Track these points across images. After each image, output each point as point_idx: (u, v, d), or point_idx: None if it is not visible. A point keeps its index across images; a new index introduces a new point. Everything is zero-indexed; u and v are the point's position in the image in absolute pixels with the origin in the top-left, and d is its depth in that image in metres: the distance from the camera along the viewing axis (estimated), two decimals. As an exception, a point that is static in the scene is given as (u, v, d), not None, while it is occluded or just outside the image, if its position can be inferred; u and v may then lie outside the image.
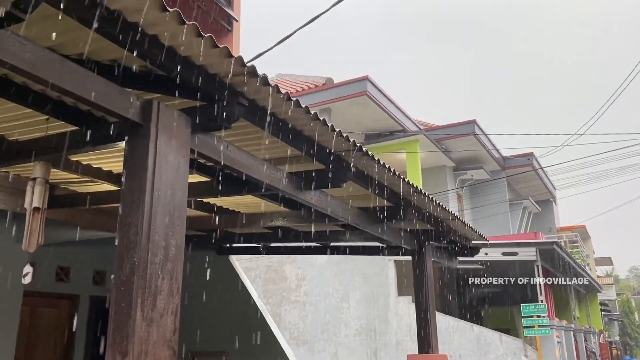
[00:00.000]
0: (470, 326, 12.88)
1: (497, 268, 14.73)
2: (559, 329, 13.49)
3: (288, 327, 14.76)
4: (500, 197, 19.93)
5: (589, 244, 29.52)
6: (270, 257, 15.54)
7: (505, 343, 12.22)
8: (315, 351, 14.21)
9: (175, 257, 2.42)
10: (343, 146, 3.55)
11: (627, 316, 39.74)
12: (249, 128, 3.28)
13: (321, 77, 17.73)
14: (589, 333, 18.98)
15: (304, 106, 2.93)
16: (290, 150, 3.61)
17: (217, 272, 8.23)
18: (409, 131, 17.32)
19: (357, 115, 16.35)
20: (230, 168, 3.09)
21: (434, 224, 5.67)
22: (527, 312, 11.94)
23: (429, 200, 4.93)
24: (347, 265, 14.53)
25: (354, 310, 14.19)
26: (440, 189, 18.17)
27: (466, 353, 12.47)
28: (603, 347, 21.87)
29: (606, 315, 30.46)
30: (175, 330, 2.35)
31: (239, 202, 5.34)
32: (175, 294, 2.38)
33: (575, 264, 16.24)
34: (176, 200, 2.50)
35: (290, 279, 15.27)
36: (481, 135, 18.22)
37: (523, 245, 13.08)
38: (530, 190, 22.81)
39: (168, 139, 2.49)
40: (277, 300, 15.24)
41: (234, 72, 2.48)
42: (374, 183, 4.26)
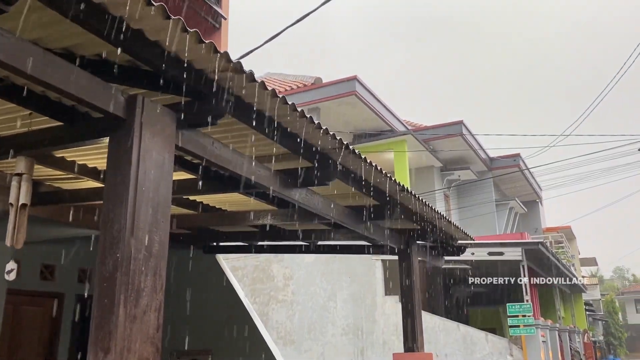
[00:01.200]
0: (456, 325, 12.95)
1: (483, 268, 14.83)
2: (544, 329, 13.61)
3: (275, 326, 14.74)
4: (486, 197, 20.07)
5: (574, 245, 29.81)
6: (258, 257, 15.51)
7: (491, 342, 12.30)
8: (302, 350, 14.20)
9: (159, 254, 2.40)
10: (329, 144, 3.55)
11: (611, 316, 40.23)
12: (236, 125, 3.27)
13: (310, 77, 17.72)
14: (573, 332, 19.18)
15: (291, 103, 2.93)
16: (277, 147, 3.61)
17: (203, 270, 8.20)
18: (397, 131, 17.38)
19: (346, 115, 16.37)
20: (216, 165, 3.08)
21: (420, 222, 5.69)
22: (512, 311, 12.03)
23: (415, 198, 4.95)
24: (334, 265, 14.55)
25: (341, 309, 14.20)
26: (428, 189, 18.24)
27: (452, 352, 12.54)
28: (587, 346, 22.11)
29: (590, 315, 30.80)
30: (159, 327, 2.33)
31: (226, 200, 5.32)
32: (159, 291, 2.37)
33: (561, 264, 16.39)
34: (160, 196, 2.48)
35: (277, 279, 15.25)
36: (468, 136, 18.33)
37: (509, 246, 13.17)
38: (516, 190, 23.00)
39: (152, 135, 2.47)
40: (265, 300, 15.21)
41: (220, 68, 2.47)
42: (361, 181, 4.27)
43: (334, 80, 16.11)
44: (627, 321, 53.27)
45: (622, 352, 40.90)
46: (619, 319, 45.24)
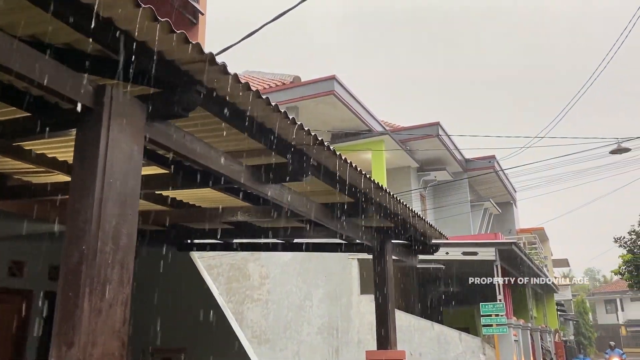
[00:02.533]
0: (430, 325, 13.06)
1: (458, 268, 14.99)
2: (516, 328, 13.81)
3: (250, 325, 14.67)
4: (462, 198, 20.30)
5: (547, 246, 30.34)
6: (234, 256, 15.42)
7: (465, 341, 12.44)
8: (277, 349, 14.17)
9: (127, 247, 2.37)
10: (304, 140, 3.54)
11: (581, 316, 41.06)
12: (208, 119, 3.24)
13: (289, 75, 17.69)
14: (545, 332, 19.51)
15: (265, 97, 2.91)
16: (251, 142, 3.58)
17: (177, 268, 8.12)
18: (374, 131, 17.46)
19: (324, 115, 16.39)
20: (188, 158, 3.05)
21: (395, 221, 5.72)
22: (485, 311, 12.18)
23: (390, 196, 4.97)
24: (310, 264, 14.54)
25: (316, 308, 14.20)
26: (405, 189, 18.37)
27: (426, 351, 12.64)
28: (558, 345, 22.52)
29: (562, 315, 31.37)
30: (125, 321, 2.29)
31: (199, 197, 5.27)
32: (125, 284, 2.33)
33: (533, 264, 16.66)
34: (129, 188, 2.44)
35: (253, 277, 15.19)
36: (444, 137, 18.51)
37: (483, 246, 13.34)
38: (491, 191, 23.31)
39: (121, 126, 2.43)
40: (240, 299, 15.13)
41: (192, 59, 2.44)
42: (335, 178, 4.27)
43: (312, 79, 16.11)
44: (597, 321, 54.45)
45: (591, 351, 41.78)
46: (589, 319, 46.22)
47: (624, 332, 55.16)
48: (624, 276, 18.87)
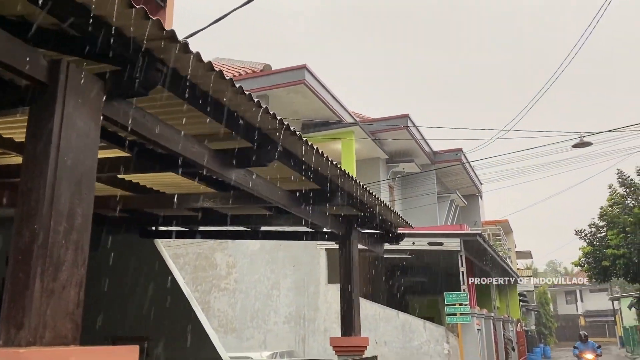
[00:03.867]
0: (396, 314, 13.22)
1: (424, 258, 15.20)
2: (479, 317, 14.10)
3: (217, 314, 14.59)
4: (429, 189, 20.56)
5: (511, 238, 31.05)
6: (201, 245, 15.28)
7: (429, 330, 12.63)
8: (244, 338, 14.14)
9: (82, 227, 2.30)
10: (270, 124, 3.50)
11: (543, 307, 42.26)
12: (172, 100, 3.17)
13: (259, 63, 17.53)
14: (507, 322, 19.98)
15: (228, 78, 2.86)
16: (216, 126, 3.53)
17: (141, 255, 7.99)
18: (344, 122, 17.48)
19: (295, 104, 16.31)
20: (148, 139, 2.97)
21: (361, 209, 5.74)
22: (450, 300, 12.39)
23: (356, 184, 4.98)
24: (279, 253, 14.53)
25: (284, 297, 14.22)
26: (374, 180, 18.49)
27: (391, 339, 12.80)
28: (520, 335, 23.12)
29: (524, 305, 32.21)
30: (80, 303, 2.23)
31: (163, 182, 5.18)
32: (80, 266, 2.26)
33: (497, 255, 17.02)
34: (85, 167, 2.37)
35: (220, 267, 15.09)
36: (413, 129, 18.68)
37: (448, 236, 13.54)
38: (457, 183, 23.67)
39: (77, 103, 2.35)
40: (207, 288, 15.02)
41: (151, 36, 2.37)
42: (302, 164, 4.24)
43: (283, 68, 16.00)
44: (558, 312, 56.18)
45: (551, 340, 43.11)
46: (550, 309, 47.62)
47: (582, 322, 57.06)
48: (584, 268, 19.43)
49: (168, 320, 7.60)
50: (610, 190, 19.18)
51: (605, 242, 18.44)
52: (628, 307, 33.03)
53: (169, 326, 7.53)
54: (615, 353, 36.99)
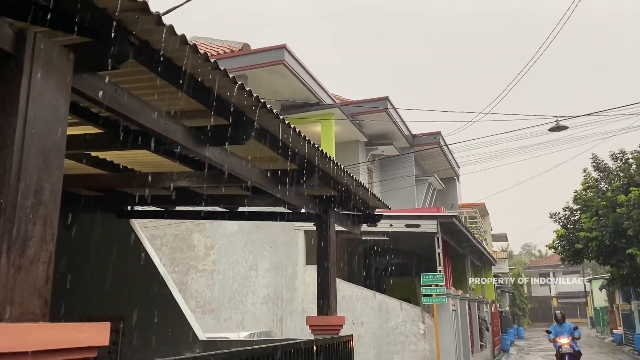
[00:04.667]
0: (373, 294, 13.37)
1: (401, 240, 15.35)
2: (454, 298, 14.34)
3: (194, 295, 14.58)
4: (407, 172, 20.70)
5: (487, 221, 31.51)
6: (178, 226, 15.19)
7: (405, 310, 12.82)
8: (222, 319, 14.17)
9: (51, 202, 2.25)
10: (246, 101, 3.46)
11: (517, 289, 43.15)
12: (145, 74, 3.10)
13: (238, 43, 17.30)
14: (482, 303, 20.38)
15: (203, 52, 2.80)
16: (190, 102, 3.47)
17: (117, 235, 7.91)
18: (324, 104, 17.42)
19: (274, 85, 16.18)
20: (119, 114, 2.91)
21: (339, 189, 5.75)
22: (426, 281, 12.55)
23: (334, 164, 4.97)
24: (257, 235, 14.53)
25: (262, 278, 14.26)
26: (353, 162, 18.53)
27: (368, 320, 12.96)
28: (494, 315, 23.61)
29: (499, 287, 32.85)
30: (49, 279, 2.19)
31: (137, 160, 5.10)
32: (49, 241, 2.22)
33: (473, 238, 17.27)
34: (53, 141, 2.31)
35: (198, 248, 15.05)
36: (392, 112, 18.71)
37: (425, 218, 13.68)
38: (435, 166, 23.87)
39: (45, 75, 2.28)
40: (184, 269, 14.98)
41: (123, 7, 2.31)
42: (278, 143, 4.21)
43: (262, 47, 15.82)
44: (532, 294, 57.47)
45: (525, 321, 44.16)
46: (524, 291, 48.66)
47: (555, 303, 58.53)
48: (557, 250, 19.84)
49: (144, 300, 7.56)
50: (585, 174, 19.55)
51: (578, 226, 18.83)
52: (599, 288, 33.96)
53: (145, 306, 7.49)
54: (585, 333, 38.07)
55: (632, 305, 25.04)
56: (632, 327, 24.74)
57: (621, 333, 27.28)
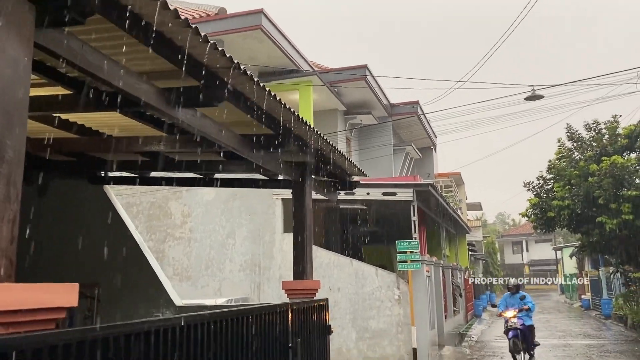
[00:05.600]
0: (349, 261, 13.52)
1: (378, 208, 15.49)
2: (429, 265, 14.60)
3: (172, 263, 14.56)
4: (385, 141, 20.75)
5: (462, 190, 31.96)
6: (154, 193, 15.05)
7: (381, 277, 13.01)
8: (199, 286, 14.21)
9: (13, 162, 2.18)
10: (218, 62, 3.38)
11: (490, 256, 44.15)
12: (114, 32, 2.99)
13: (214, 7, 16.89)
14: (455, 269, 20.82)
15: (172, 8, 2.71)
16: (161, 62, 3.38)
17: (90, 202, 7.80)
18: (302, 71, 17.22)
19: (252, 51, 15.90)
20: (87, 73, 2.82)
21: (315, 155, 5.72)
22: (401, 248, 12.72)
23: (310, 129, 4.94)
24: (234, 203, 14.49)
25: (239, 246, 14.29)
26: (331, 131, 18.48)
27: (344, 286, 13.13)
28: (467, 282, 24.18)
29: (473, 254, 33.56)
30: (13, 239, 2.14)
31: (109, 124, 4.99)
32: (13, 201, 2.16)
33: (448, 206, 17.51)
34: (15, 99, 2.22)
35: (175, 216, 14.96)
36: (371, 80, 18.61)
37: (401, 187, 13.79)
38: (413, 135, 23.95)
39: (5, 29, 2.18)
40: (161, 237, 14.91)
41: (86, -43, 2.20)
42: (253, 106, 4.15)
43: (239, 12, 15.48)
44: (505, 261, 58.91)
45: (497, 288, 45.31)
46: (498, 259, 49.85)
47: (527, 271, 60.12)
48: (530, 218, 20.24)
49: (120, 266, 7.51)
50: (559, 144, 19.85)
51: (551, 194, 19.21)
52: (569, 256, 34.94)
53: (120, 272, 7.45)
54: (555, 299, 39.37)
55: (600, 271, 25.87)
56: (600, 292, 25.62)
57: (589, 299, 28.25)
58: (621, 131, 18.32)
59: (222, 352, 3.17)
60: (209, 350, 2.97)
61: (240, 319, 3.41)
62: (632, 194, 16.26)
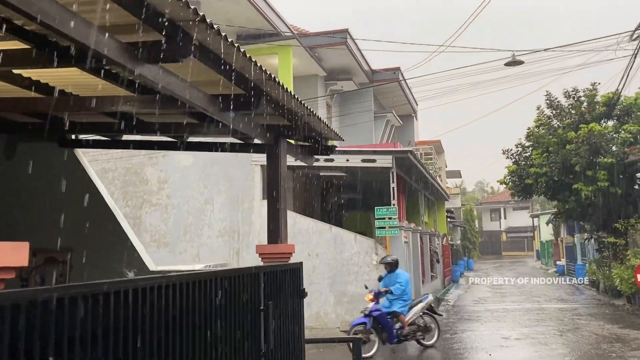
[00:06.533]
0: (328, 227, 13.56)
1: (358, 175, 15.47)
2: (407, 231, 14.72)
3: (149, 229, 14.44)
4: (366, 108, 20.61)
5: (442, 158, 32.12)
6: (130, 159, 14.79)
7: (359, 242, 13.08)
8: (177, 252, 14.16)
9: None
10: (182, 13, 3.21)
11: (468, 223, 44.79)
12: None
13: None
14: (434, 236, 21.06)
15: (127, -47, 2.54)
16: (123, 14, 3.20)
17: (60, 165, 7.60)
18: (282, 34, 16.87)
19: (229, 13, 15.47)
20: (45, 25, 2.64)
21: (289, 118, 5.60)
22: (380, 214, 12.78)
23: (283, 90, 4.80)
24: (212, 169, 14.34)
25: (218, 212, 14.21)
26: (311, 97, 18.26)
27: (323, 251, 13.19)
28: (445, 248, 24.52)
29: (451, 221, 33.98)
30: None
31: (74, 81, 4.78)
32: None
33: (427, 173, 17.56)
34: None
35: (151, 182, 14.77)
36: (352, 45, 18.34)
37: (381, 153, 13.76)
38: (393, 102, 23.83)
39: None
40: (138, 203, 14.74)
41: None
42: (222, 64, 3.99)
43: (215, -29, 14.98)
44: (483, 228, 59.89)
45: (475, 254, 46.22)
46: (476, 226, 50.63)
47: (504, 238, 61.31)
48: (508, 185, 20.46)
49: (92, 232, 7.37)
50: (538, 111, 19.93)
51: (529, 162, 19.39)
52: (546, 223, 35.59)
53: (92, 238, 7.32)
54: (531, 265, 40.27)
55: (575, 238, 26.43)
56: (574, 258, 26.23)
57: (563, 264, 28.93)
58: (600, 99, 18.43)
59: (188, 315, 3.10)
60: (173, 314, 2.89)
61: (207, 281, 3.33)
62: (608, 161, 16.48)
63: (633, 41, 13.22)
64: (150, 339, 2.61)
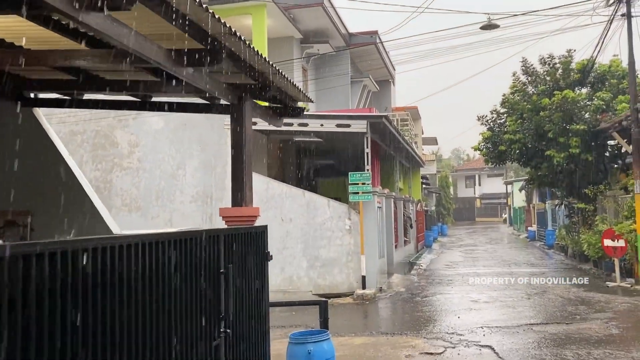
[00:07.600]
0: (302, 192, 13.48)
1: (333, 141, 15.34)
2: (380, 196, 14.72)
3: (120, 193, 14.18)
4: (343, 71, 20.31)
5: (419, 124, 32.09)
6: (99, 122, 14.38)
7: (332, 208, 13.05)
8: (149, 217, 13.96)
9: None
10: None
11: (443, 190, 45.27)
12: None
13: None
14: (408, 202, 21.17)
15: None
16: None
17: (18, 125, 7.28)
18: (255, -7, 16.36)
19: (200, -30, 14.89)
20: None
21: (255, 76, 5.39)
22: (353, 179, 12.72)
23: (245, 45, 4.59)
24: (184, 133, 14.05)
25: (190, 177, 13.99)
26: (287, 59, 17.89)
27: (296, 216, 13.14)
28: (419, 214, 24.73)
29: (426, 188, 34.26)
30: None
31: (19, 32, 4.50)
32: None
33: (402, 139, 17.51)
34: None
35: (122, 145, 14.42)
36: (329, 7, 17.92)
37: (356, 118, 13.61)
38: (371, 66, 23.54)
39: None
40: (108, 167, 14.41)
41: None
42: (174, 13, 3.76)
43: None
44: (457, 195, 60.64)
45: (449, 220, 46.88)
46: (450, 192, 51.21)
47: (478, 204, 62.26)
48: (482, 152, 20.55)
49: (53, 194, 7.14)
50: (514, 77, 19.89)
51: (504, 128, 19.45)
52: (519, 189, 36.13)
53: (54, 200, 7.09)
54: (503, 231, 41.07)
55: (547, 204, 26.89)
56: (545, 224, 26.75)
57: (535, 230, 29.51)
58: (574, 66, 18.46)
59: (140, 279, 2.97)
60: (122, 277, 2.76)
61: (160, 243, 3.20)
62: (580, 128, 16.61)
63: (609, 7, 13.14)
64: (101, 303, 2.49)
